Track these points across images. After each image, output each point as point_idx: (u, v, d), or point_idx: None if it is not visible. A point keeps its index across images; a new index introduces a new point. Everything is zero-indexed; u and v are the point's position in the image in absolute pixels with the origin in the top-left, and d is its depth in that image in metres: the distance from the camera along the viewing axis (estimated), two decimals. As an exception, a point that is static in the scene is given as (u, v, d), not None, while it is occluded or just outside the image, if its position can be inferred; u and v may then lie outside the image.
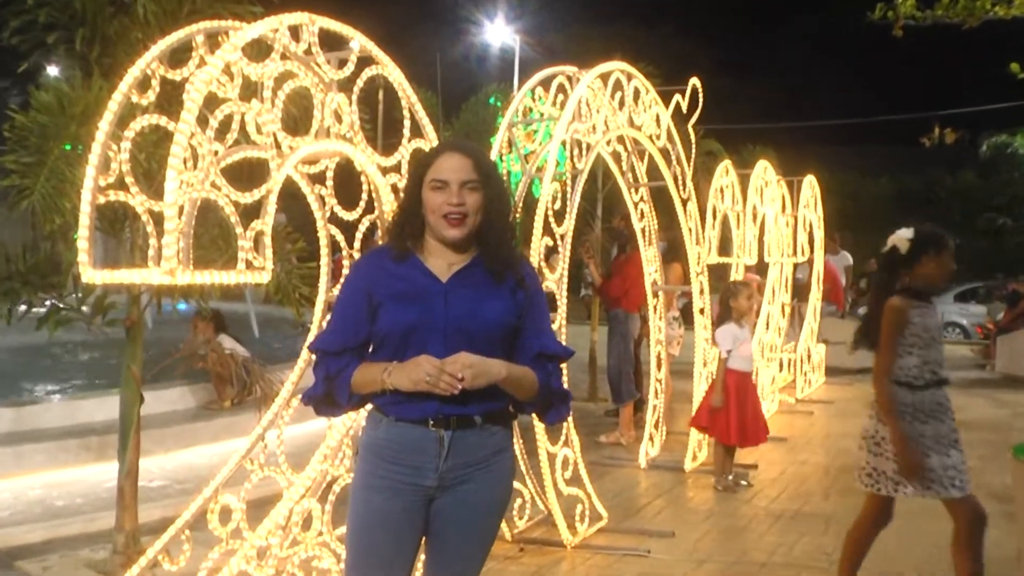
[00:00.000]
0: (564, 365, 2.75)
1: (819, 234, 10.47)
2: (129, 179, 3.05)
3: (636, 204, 6.48)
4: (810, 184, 10.12)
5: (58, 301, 4.13)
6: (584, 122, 5.27)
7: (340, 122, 3.51)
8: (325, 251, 3.80)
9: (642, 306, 7.13)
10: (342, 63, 3.53)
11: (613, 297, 7.48)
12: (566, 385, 2.80)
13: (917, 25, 9.70)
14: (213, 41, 3.20)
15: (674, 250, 7.45)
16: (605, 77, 5.58)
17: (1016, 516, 4.47)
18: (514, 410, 2.53)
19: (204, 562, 3.44)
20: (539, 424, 4.33)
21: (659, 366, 6.64)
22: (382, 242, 3.11)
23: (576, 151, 5.26)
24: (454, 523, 2.47)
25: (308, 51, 3.36)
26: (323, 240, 3.78)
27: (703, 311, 6.74)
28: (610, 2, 27.02)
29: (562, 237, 4.93)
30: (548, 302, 2.71)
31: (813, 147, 23.73)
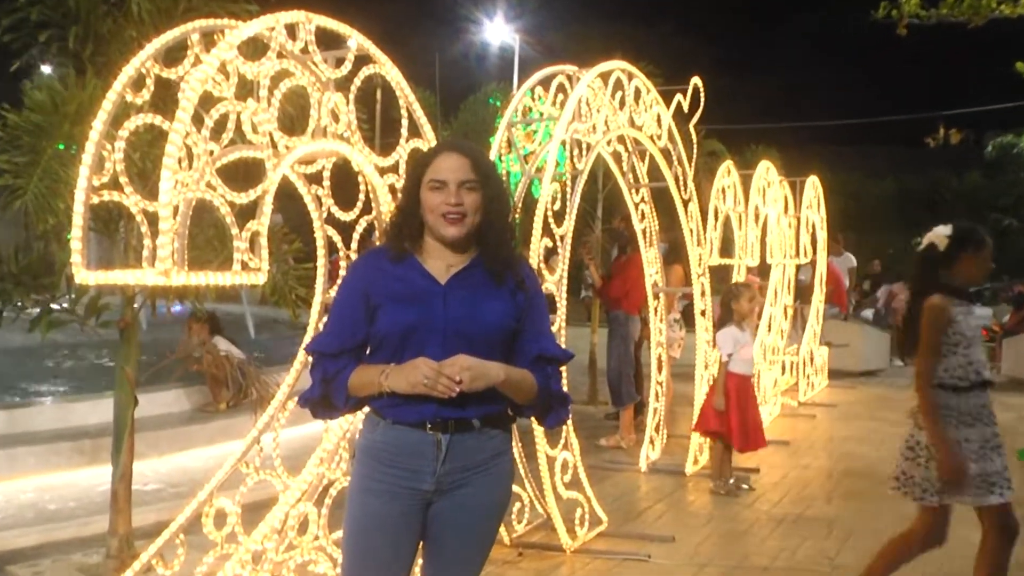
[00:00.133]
0: (564, 368, 2.75)
1: (822, 235, 10.48)
2: (123, 179, 3.06)
3: (637, 205, 6.49)
4: (813, 185, 10.12)
5: (51, 302, 4.13)
6: (584, 122, 5.28)
7: (337, 122, 3.51)
8: (322, 252, 3.80)
9: (643, 308, 7.14)
10: (339, 62, 3.53)
11: (613, 299, 7.49)
12: (565, 388, 2.80)
13: (921, 24, 9.72)
14: (209, 39, 3.21)
15: (675, 251, 7.45)
16: (605, 76, 5.59)
17: None
18: (513, 413, 2.53)
19: (199, 566, 3.45)
20: (538, 427, 4.34)
21: (660, 369, 6.65)
22: (379, 243, 3.12)
23: (576, 151, 5.26)
24: (452, 527, 2.47)
25: (305, 50, 3.36)
26: (320, 241, 3.79)
27: (704, 313, 6.74)
28: (610, 1, 27.07)
29: (562, 238, 4.94)
30: (547, 304, 2.71)
31: (816, 147, 23.82)
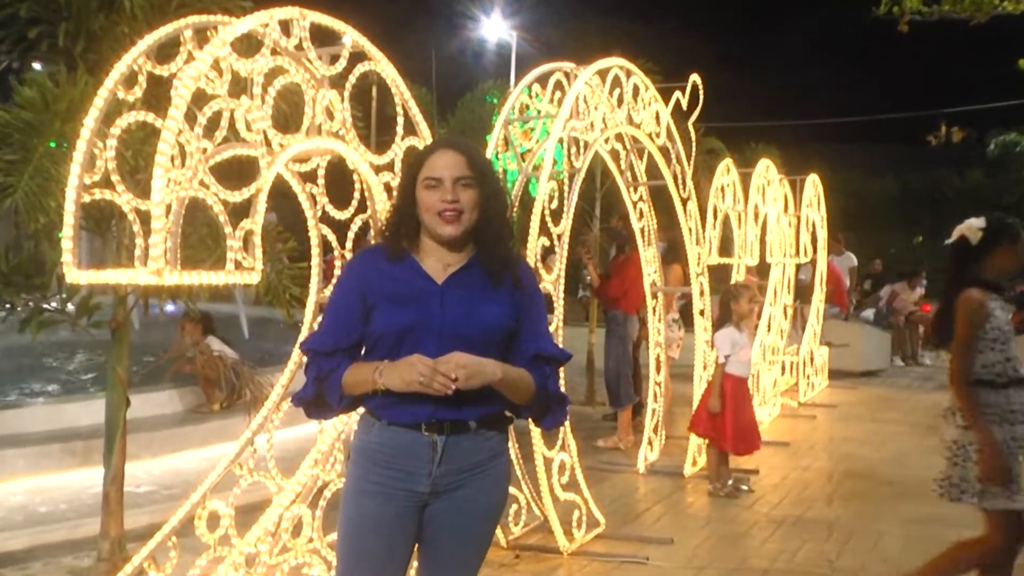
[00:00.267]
0: (561, 369, 2.75)
1: (822, 234, 10.50)
2: (115, 177, 3.06)
3: (635, 203, 6.50)
4: (813, 183, 10.14)
5: (42, 302, 4.13)
6: (582, 119, 5.28)
7: (332, 119, 3.51)
8: (316, 251, 3.80)
9: (641, 308, 7.15)
10: (334, 59, 3.54)
11: (611, 298, 7.49)
12: (563, 388, 2.81)
13: (923, 20, 9.74)
14: (202, 36, 3.21)
15: (674, 250, 7.47)
16: (603, 73, 5.59)
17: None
18: (510, 414, 2.53)
19: (191, 569, 3.45)
20: (535, 428, 4.34)
21: (658, 369, 6.65)
22: (375, 242, 3.12)
23: (574, 149, 5.27)
24: (448, 529, 2.48)
25: (299, 46, 3.36)
26: (314, 240, 3.79)
27: (703, 313, 6.75)
28: (609, -3, 27.06)
29: (559, 237, 4.94)
30: (545, 303, 2.71)
31: (816, 145, 23.82)
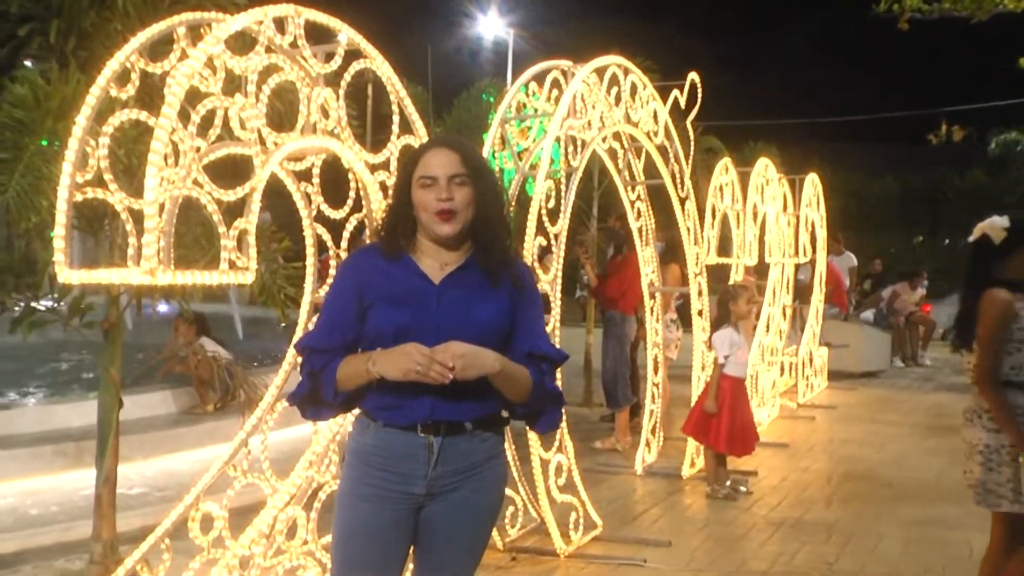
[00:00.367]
0: (558, 370, 2.75)
1: (822, 234, 10.51)
2: (108, 176, 3.06)
3: (633, 203, 6.50)
4: (812, 182, 10.15)
5: (33, 302, 4.13)
6: (579, 118, 5.28)
7: (327, 118, 3.51)
8: (311, 251, 3.80)
9: (639, 308, 7.15)
10: (329, 57, 3.54)
11: (609, 299, 7.49)
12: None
13: (923, 19, 9.75)
14: (195, 33, 3.21)
15: (672, 250, 7.48)
16: (601, 72, 5.60)
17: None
18: (506, 415, 2.53)
19: (185, 572, 3.45)
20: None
21: (656, 370, 6.66)
22: (370, 242, 3.12)
23: (571, 148, 5.27)
24: (444, 531, 2.48)
25: (294, 44, 3.36)
26: (309, 239, 3.78)
27: (702, 313, 6.76)
28: (608, -4, 27.12)
29: (556, 237, 4.95)
30: (542, 303, 2.71)
31: (815, 144, 23.86)
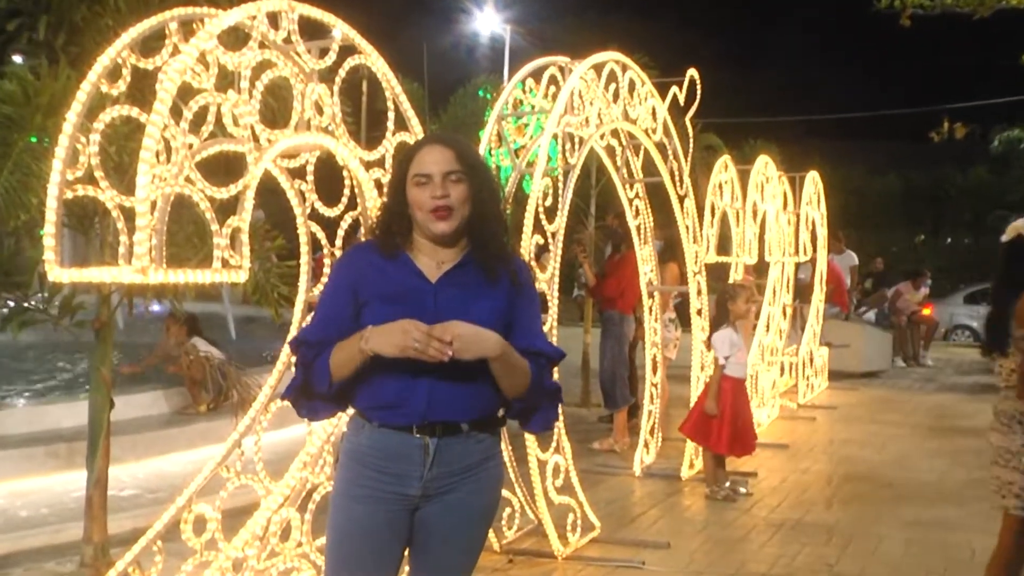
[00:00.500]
0: (556, 369, 2.75)
1: (822, 232, 10.52)
2: (99, 173, 3.05)
3: (631, 201, 6.50)
4: (813, 180, 10.16)
5: (23, 301, 4.12)
6: (577, 115, 5.28)
7: (321, 114, 3.51)
8: (305, 249, 3.80)
9: (637, 307, 7.15)
10: (323, 52, 3.53)
11: (608, 298, 7.50)
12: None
13: (925, 15, 9.77)
14: (187, 28, 3.20)
15: (670, 249, 7.48)
16: (599, 68, 5.60)
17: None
18: (502, 414, 2.53)
19: (177, 574, 3.44)
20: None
21: (655, 370, 6.66)
22: (365, 240, 3.12)
23: (568, 145, 5.27)
24: (439, 533, 2.48)
25: (287, 39, 3.36)
26: (303, 238, 3.78)
27: (701, 312, 6.76)
28: (606, -8, 27.12)
29: (554, 235, 4.95)
30: (540, 303, 2.71)
31: (816, 142, 23.90)
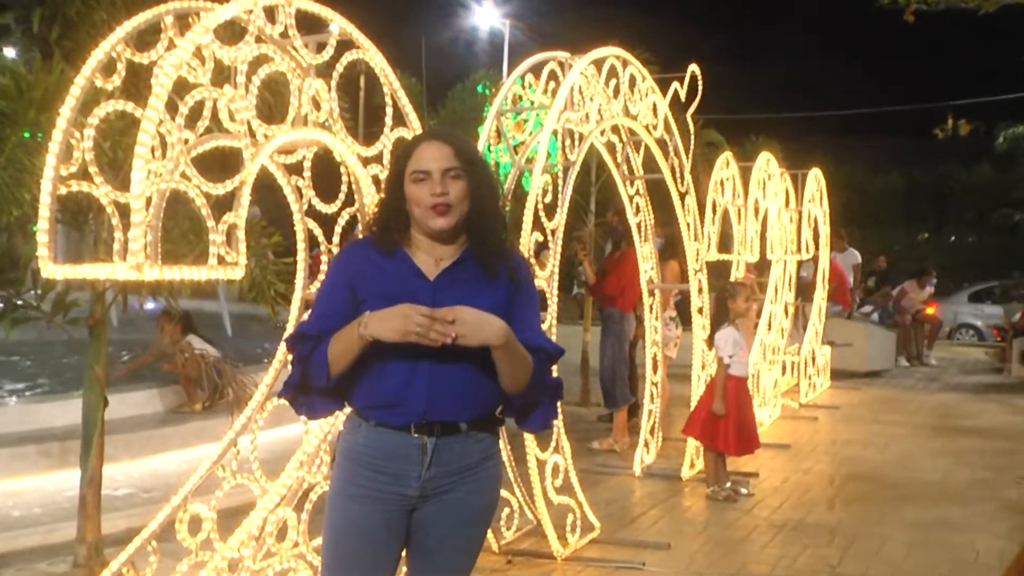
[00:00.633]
0: (555, 368, 2.75)
1: (825, 230, 10.53)
2: (93, 168, 3.05)
3: (631, 198, 6.50)
4: (815, 177, 10.17)
5: (16, 298, 4.12)
6: (577, 111, 5.28)
7: (318, 109, 3.51)
8: (302, 246, 3.80)
9: (638, 306, 7.16)
10: (321, 47, 3.53)
11: (608, 296, 7.49)
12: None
13: (929, 10, 9.79)
14: (183, 22, 3.20)
15: (671, 247, 7.48)
16: (599, 63, 5.60)
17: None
18: (500, 414, 2.53)
19: (172, 575, 3.45)
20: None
21: (655, 369, 6.66)
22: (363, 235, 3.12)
23: (568, 142, 5.27)
24: (437, 534, 2.48)
25: (284, 34, 3.36)
26: (300, 234, 3.78)
27: (702, 311, 6.77)
28: (607, -14, 27.11)
29: (553, 232, 4.95)
30: (539, 299, 2.71)
31: (819, 138, 23.86)
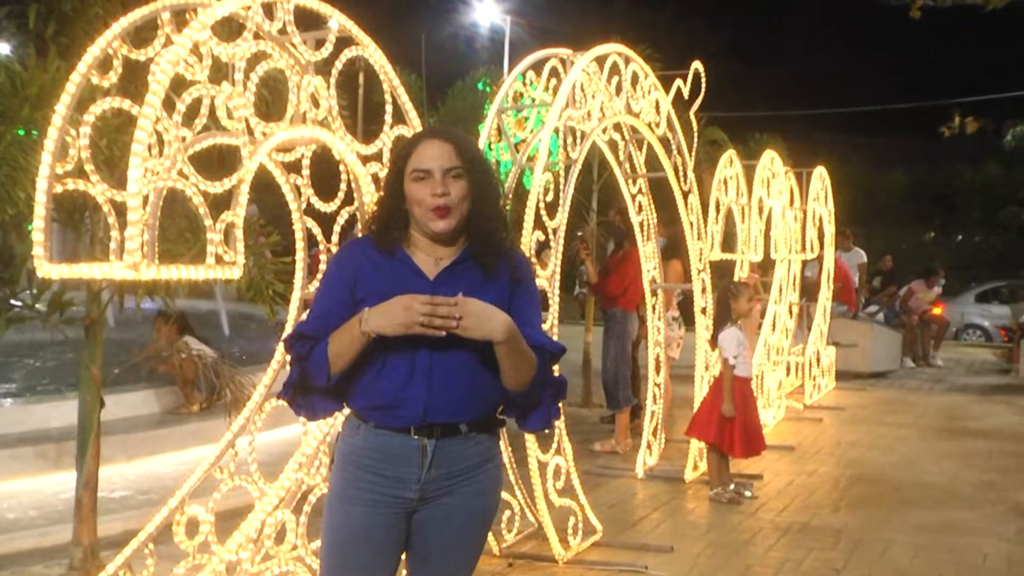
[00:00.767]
0: (556, 368, 2.75)
1: (829, 229, 10.53)
2: (89, 167, 3.05)
3: (634, 196, 6.50)
4: (820, 176, 10.16)
5: (11, 298, 4.12)
6: (578, 108, 5.28)
7: (317, 107, 3.51)
8: (301, 245, 3.80)
9: (640, 305, 7.15)
10: (319, 44, 3.53)
11: (610, 296, 7.49)
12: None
13: (936, 7, 9.78)
14: (180, 19, 3.20)
15: (674, 246, 7.48)
16: (601, 60, 5.60)
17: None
18: (501, 415, 2.53)
19: (169, 578, 3.45)
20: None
21: (658, 369, 6.66)
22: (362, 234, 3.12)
23: (570, 139, 5.27)
24: (437, 537, 2.48)
25: (283, 30, 3.36)
26: (299, 233, 3.79)
27: (705, 311, 6.76)
28: (609, -18, 27.10)
29: (555, 231, 4.95)
30: (540, 298, 2.71)
31: (823, 136, 23.88)
